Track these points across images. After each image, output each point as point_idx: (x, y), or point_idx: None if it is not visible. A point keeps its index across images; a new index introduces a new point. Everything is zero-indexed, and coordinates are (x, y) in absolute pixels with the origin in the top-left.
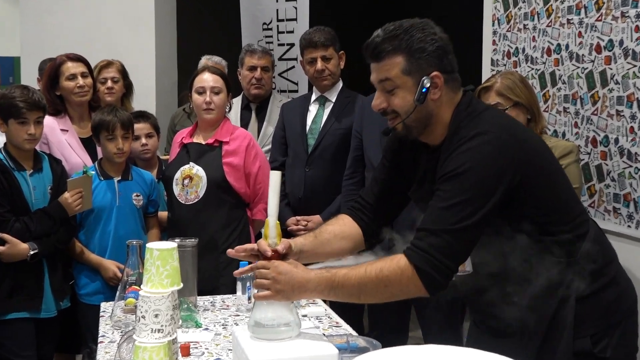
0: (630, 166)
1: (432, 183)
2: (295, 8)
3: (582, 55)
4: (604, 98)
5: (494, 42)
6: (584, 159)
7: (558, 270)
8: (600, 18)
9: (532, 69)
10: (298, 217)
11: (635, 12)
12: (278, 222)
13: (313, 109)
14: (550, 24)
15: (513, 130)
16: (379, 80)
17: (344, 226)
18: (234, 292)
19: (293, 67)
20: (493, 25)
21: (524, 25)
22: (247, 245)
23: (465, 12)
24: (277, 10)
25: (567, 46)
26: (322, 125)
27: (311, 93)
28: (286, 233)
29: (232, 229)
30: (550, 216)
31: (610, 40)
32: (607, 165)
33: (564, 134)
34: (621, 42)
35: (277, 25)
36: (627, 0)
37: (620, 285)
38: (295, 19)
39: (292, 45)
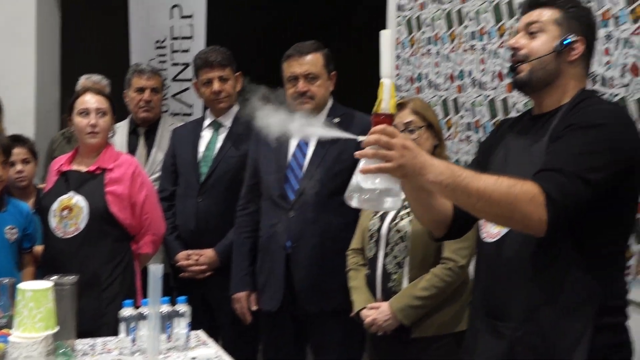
0: None
1: (536, 138)
2: (191, 25)
3: (485, 82)
4: None
5: (397, 67)
6: None
7: (583, 278)
8: (502, 45)
9: (436, 95)
10: (189, 251)
11: None
12: (393, 83)
13: (206, 134)
14: (453, 50)
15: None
16: (527, 24)
17: None
18: (116, 333)
19: (188, 88)
20: (396, 49)
21: (428, 50)
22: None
23: (367, 36)
24: (172, 27)
25: (470, 72)
26: (216, 152)
27: (203, 118)
28: (176, 269)
29: (116, 264)
30: (613, 230)
31: None
32: None
33: (466, 163)
34: None
35: (172, 44)
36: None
37: (626, 336)
38: (191, 37)
39: (187, 65)
